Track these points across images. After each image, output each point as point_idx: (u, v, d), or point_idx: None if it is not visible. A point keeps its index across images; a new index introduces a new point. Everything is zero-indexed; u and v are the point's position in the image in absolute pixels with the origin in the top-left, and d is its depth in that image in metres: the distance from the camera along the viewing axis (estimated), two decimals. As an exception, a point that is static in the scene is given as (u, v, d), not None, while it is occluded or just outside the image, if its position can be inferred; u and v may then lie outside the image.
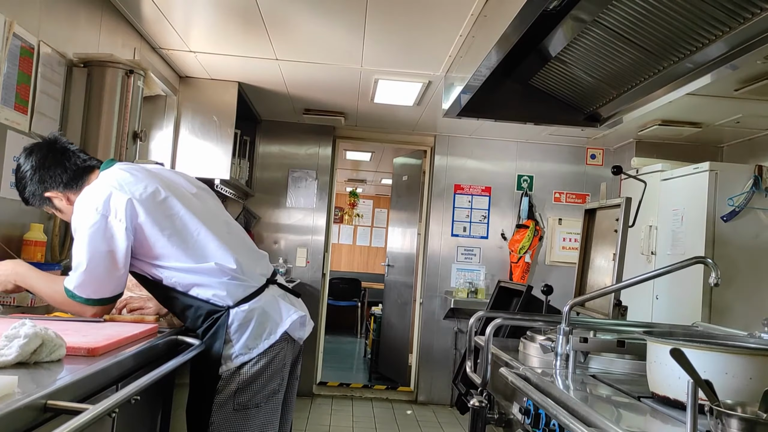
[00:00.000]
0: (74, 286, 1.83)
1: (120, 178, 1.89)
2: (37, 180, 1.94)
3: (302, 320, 2.00)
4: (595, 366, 1.86)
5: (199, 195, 2.07)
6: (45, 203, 1.99)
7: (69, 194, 1.96)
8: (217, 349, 1.86)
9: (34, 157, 1.95)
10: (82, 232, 1.82)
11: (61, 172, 1.95)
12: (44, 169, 1.94)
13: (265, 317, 1.91)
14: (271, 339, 1.90)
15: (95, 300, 1.85)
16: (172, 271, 1.88)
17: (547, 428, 1.50)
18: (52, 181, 1.94)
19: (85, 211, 1.82)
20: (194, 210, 1.94)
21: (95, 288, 1.84)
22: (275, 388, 1.93)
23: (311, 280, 5.82)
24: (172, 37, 3.67)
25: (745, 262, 3.83)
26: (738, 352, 1.31)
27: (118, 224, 1.81)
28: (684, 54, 2.29)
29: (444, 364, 5.80)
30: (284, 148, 5.90)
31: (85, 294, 1.84)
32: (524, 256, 5.69)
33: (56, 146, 1.99)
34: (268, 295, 1.96)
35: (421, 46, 3.56)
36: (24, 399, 1.08)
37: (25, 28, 2.37)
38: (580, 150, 5.91)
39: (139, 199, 1.85)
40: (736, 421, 1.02)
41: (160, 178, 1.98)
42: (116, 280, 1.86)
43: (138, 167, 2.00)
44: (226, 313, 1.87)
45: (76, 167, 1.97)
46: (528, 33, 2.43)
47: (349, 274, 10.17)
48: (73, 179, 1.96)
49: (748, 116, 4.08)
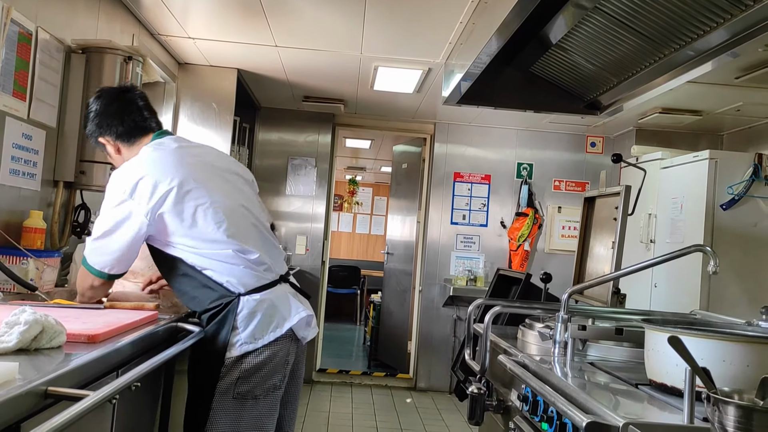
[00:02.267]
0: (87, 252, 1.94)
1: (156, 162, 1.94)
2: (96, 124, 2.06)
3: (308, 320, 2.01)
4: (593, 353, 1.86)
5: (235, 184, 2.08)
6: (99, 145, 2.12)
7: (120, 145, 2.06)
8: (224, 334, 1.88)
9: (101, 102, 2.06)
10: (107, 208, 1.90)
11: (118, 124, 2.04)
12: (104, 116, 2.05)
13: (273, 310, 1.93)
14: (277, 332, 1.91)
15: (98, 271, 1.93)
16: (190, 253, 1.91)
17: (545, 415, 1.51)
18: (108, 129, 2.05)
19: (116, 189, 1.89)
20: (222, 201, 1.95)
21: (102, 261, 1.92)
22: (276, 383, 1.94)
23: (311, 268, 5.83)
24: (170, 24, 3.65)
25: (744, 251, 3.84)
26: (735, 340, 1.32)
27: (140, 212, 1.86)
28: (685, 41, 2.28)
29: (443, 352, 5.82)
30: (284, 136, 5.88)
31: (91, 262, 1.93)
32: (523, 244, 5.70)
33: (124, 97, 2.08)
34: (280, 290, 1.99)
35: (421, 33, 3.54)
36: (25, 385, 1.09)
37: (23, 14, 2.36)
38: (580, 138, 5.89)
39: (167, 189, 1.88)
40: (733, 408, 1.02)
41: (197, 165, 2.00)
42: (122, 261, 1.94)
43: (178, 150, 2.03)
44: (236, 300, 1.89)
45: (133, 124, 2.05)
46: (529, 20, 2.42)
47: (349, 261, 10.19)
48: (126, 134, 2.05)
49: (749, 104, 4.07)
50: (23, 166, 2.42)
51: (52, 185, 2.68)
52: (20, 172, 2.41)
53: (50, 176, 2.65)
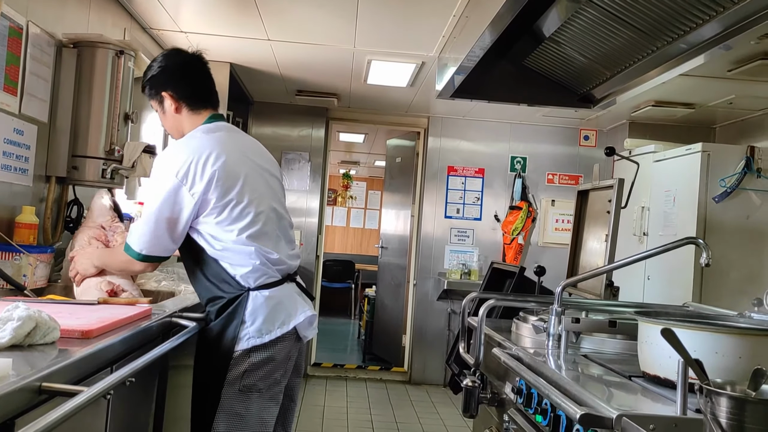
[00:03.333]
0: (136, 238, 1.96)
1: (207, 148, 1.95)
2: (165, 76, 2.08)
3: (311, 320, 2.06)
4: (586, 346, 1.87)
5: (272, 185, 2.12)
6: (156, 97, 2.10)
7: (183, 106, 2.08)
8: (233, 327, 1.91)
9: (176, 58, 2.12)
10: (158, 192, 1.92)
11: (188, 84, 2.08)
12: (176, 72, 2.09)
13: (281, 307, 1.97)
14: (283, 329, 1.95)
15: (145, 255, 1.97)
16: (212, 243, 1.95)
17: (539, 407, 1.52)
18: (176, 86, 2.07)
19: (167, 171, 1.91)
20: (259, 203, 1.99)
21: (151, 245, 1.95)
22: (278, 378, 1.98)
23: (305, 262, 5.82)
24: (162, 17, 3.62)
25: (736, 243, 3.86)
26: (728, 332, 1.33)
27: (190, 198, 1.90)
28: (678, 34, 2.29)
29: (437, 345, 5.83)
30: (277, 130, 5.87)
31: (139, 247, 1.96)
32: (517, 237, 5.71)
33: (199, 63, 2.13)
34: (287, 288, 2.03)
35: (414, 27, 3.53)
36: (19, 381, 1.09)
37: (13, 8, 2.33)
38: (574, 131, 5.90)
39: (213, 178, 1.91)
40: (725, 399, 1.03)
41: (244, 160, 2.02)
42: (170, 244, 1.96)
43: (230, 140, 2.06)
44: (246, 294, 1.93)
45: (205, 92, 2.11)
46: (522, 13, 2.42)
47: (343, 256, 10.18)
48: (193, 98, 2.08)
49: (741, 97, 4.08)
50: (15, 161, 2.41)
51: (44, 181, 2.66)
52: (12, 168, 2.39)
53: (42, 172, 2.64)
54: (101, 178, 2.70)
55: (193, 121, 2.07)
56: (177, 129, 2.11)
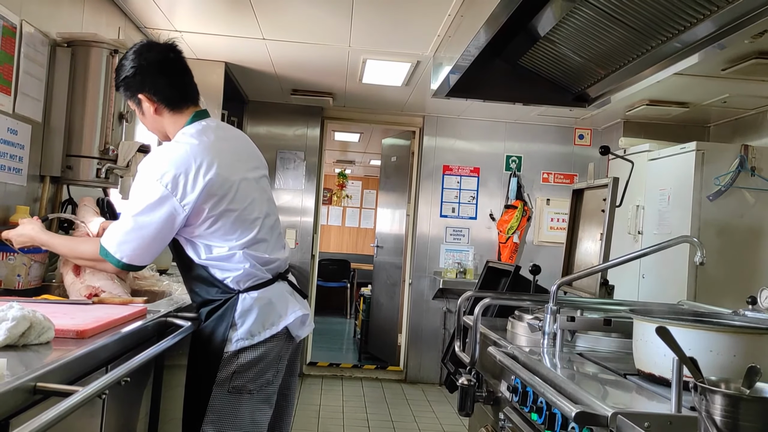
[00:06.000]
0: (115, 244, 1.84)
1: (196, 153, 1.85)
2: (139, 75, 1.92)
3: (303, 319, 2.02)
4: (581, 344, 1.88)
5: (262, 185, 2.06)
6: (133, 100, 1.98)
7: (162, 108, 1.96)
8: (222, 329, 1.89)
9: (148, 54, 1.94)
10: (143, 199, 1.82)
11: (165, 85, 1.94)
12: (149, 70, 1.92)
13: (270, 308, 1.94)
14: (272, 330, 1.93)
15: (126, 264, 1.86)
16: (205, 249, 1.91)
17: (535, 405, 1.52)
18: (152, 87, 1.93)
19: (153, 177, 1.81)
20: (251, 210, 1.94)
21: (135, 254, 1.85)
22: (269, 378, 1.96)
23: (300, 262, 5.82)
24: (157, 16, 3.61)
25: (731, 241, 3.87)
26: (722, 330, 1.33)
27: (180, 209, 1.82)
28: (672, 33, 2.29)
29: (433, 344, 5.84)
30: (272, 129, 5.86)
31: (120, 255, 1.84)
32: (512, 236, 5.72)
33: (173, 56, 1.97)
34: (278, 288, 2.00)
35: (409, 26, 3.53)
36: (13, 382, 1.08)
37: (7, 7, 2.32)
38: (569, 130, 5.91)
39: (205, 186, 1.83)
40: (719, 397, 1.03)
41: (235, 164, 1.95)
42: (153, 253, 1.88)
43: (218, 142, 1.95)
44: (236, 297, 1.91)
45: (183, 89, 1.97)
46: (517, 12, 2.42)
47: (339, 255, 10.18)
48: (173, 99, 1.95)
49: (735, 96, 4.09)
50: (9, 161, 2.40)
51: (38, 180, 2.65)
52: (6, 167, 2.38)
53: (36, 171, 2.63)
54: (95, 177, 2.69)
55: (175, 122, 1.97)
56: (159, 130, 2.02)
